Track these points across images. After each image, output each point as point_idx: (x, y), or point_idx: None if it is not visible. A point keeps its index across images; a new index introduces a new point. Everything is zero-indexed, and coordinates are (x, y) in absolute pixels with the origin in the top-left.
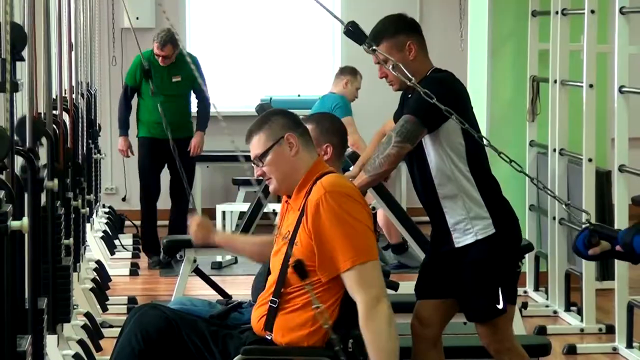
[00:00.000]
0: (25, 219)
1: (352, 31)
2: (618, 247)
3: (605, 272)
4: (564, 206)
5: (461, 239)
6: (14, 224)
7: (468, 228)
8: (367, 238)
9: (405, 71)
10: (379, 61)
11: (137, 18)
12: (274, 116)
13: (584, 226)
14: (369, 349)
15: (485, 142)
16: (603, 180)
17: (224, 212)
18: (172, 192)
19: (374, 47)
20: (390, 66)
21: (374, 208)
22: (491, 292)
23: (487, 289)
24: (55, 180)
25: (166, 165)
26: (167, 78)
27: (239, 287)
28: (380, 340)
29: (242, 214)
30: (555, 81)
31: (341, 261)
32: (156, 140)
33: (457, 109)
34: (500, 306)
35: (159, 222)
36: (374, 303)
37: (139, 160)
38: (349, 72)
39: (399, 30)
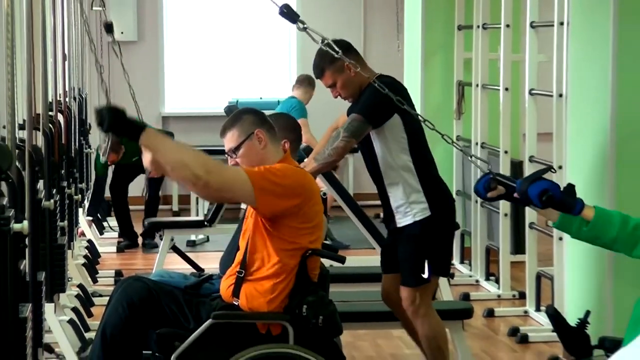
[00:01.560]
0: (26, 222)
1: (286, 12)
2: (516, 195)
3: (518, 247)
4: (469, 158)
5: (402, 220)
6: (16, 226)
7: (407, 211)
8: (276, 185)
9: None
10: (329, 85)
11: (122, 32)
12: (245, 114)
13: (485, 172)
14: None
15: (430, 126)
16: (516, 169)
17: (197, 198)
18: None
19: (305, 26)
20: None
21: (324, 194)
22: (418, 263)
23: (415, 260)
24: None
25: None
26: None
27: (210, 262)
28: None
29: None
30: (477, 85)
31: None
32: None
33: (404, 109)
34: (425, 276)
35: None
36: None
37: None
38: (307, 82)
39: (335, 58)
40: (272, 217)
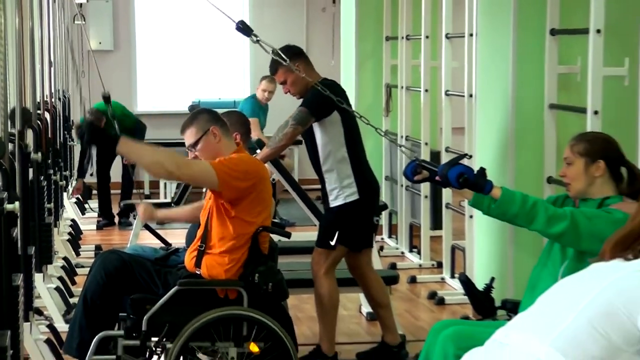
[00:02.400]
0: (17, 203)
1: (242, 28)
2: (437, 178)
3: (436, 224)
4: (399, 148)
5: (334, 201)
6: (9, 206)
7: (339, 194)
8: (236, 173)
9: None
10: (280, 82)
11: (100, 43)
12: (201, 114)
13: (412, 159)
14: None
15: (365, 121)
16: (435, 158)
17: (165, 184)
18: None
19: (258, 39)
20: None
21: (274, 179)
22: (331, 231)
23: (329, 229)
24: (39, 154)
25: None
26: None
27: (176, 238)
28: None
29: (178, 184)
30: (402, 87)
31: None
32: None
33: (343, 107)
34: (332, 243)
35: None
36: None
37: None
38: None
39: (283, 64)
40: (232, 199)
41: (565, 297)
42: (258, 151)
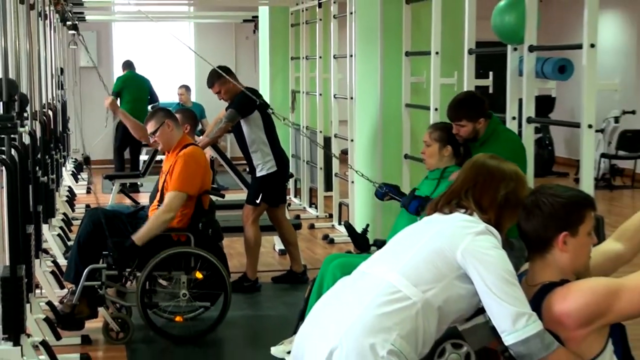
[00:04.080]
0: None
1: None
2: (401, 205)
3: (328, 187)
4: (302, 134)
5: (259, 172)
6: (21, 129)
7: (263, 167)
8: (193, 178)
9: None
10: (216, 92)
11: (87, 61)
12: (159, 111)
13: (378, 186)
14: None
15: (280, 118)
16: (328, 142)
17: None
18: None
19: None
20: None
21: (212, 157)
22: (257, 193)
23: (256, 191)
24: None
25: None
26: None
27: (143, 199)
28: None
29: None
30: (303, 92)
31: (174, 185)
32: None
33: (261, 105)
34: (257, 202)
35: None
36: (164, 209)
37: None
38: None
39: (220, 75)
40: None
41: (407, 240)
42: (200, 137)
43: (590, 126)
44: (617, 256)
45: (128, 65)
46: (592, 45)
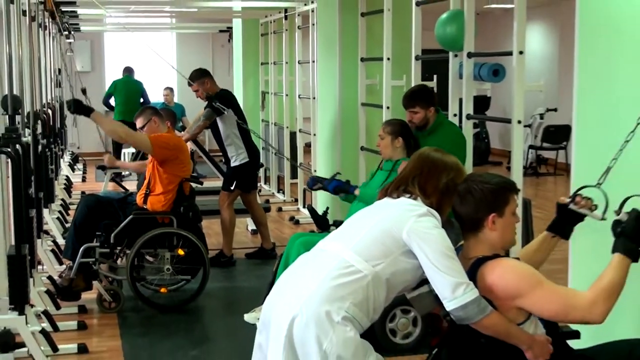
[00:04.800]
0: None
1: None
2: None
3: (294, 175)
4: (272, 128)
5: (233, 163)
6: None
7: (237, 158)
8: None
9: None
10: (195, 90)
11: (82, 66)
12: (147, 109)
13: (311, 176)
14: None
15: (244, 125)
16: (293, 137)
17: (124, 153)
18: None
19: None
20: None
21: (192, 149)
22: (231, 180)
23: (230, 178)
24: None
25: None
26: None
27: (131, 186)
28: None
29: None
30: (272, 93)
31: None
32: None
33: (235, 106)
34: (232, 188)
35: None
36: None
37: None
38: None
39: (199, 76)
40: (160, 161)
41: (360, 221)
42: (182, 132)
43: (519, 122)
44: None
45: (127, 70)
46: (521, 52)
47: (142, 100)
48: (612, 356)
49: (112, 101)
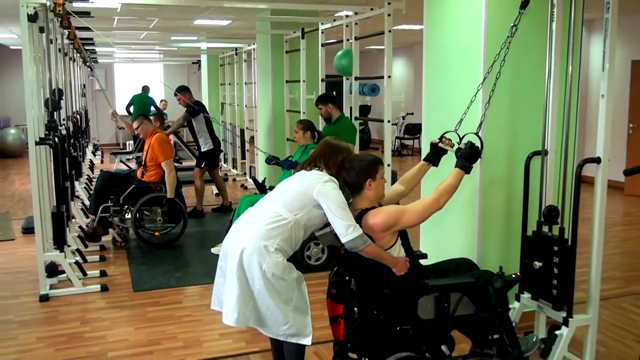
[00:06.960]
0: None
1: (178, 90)
2: (281, 165)
3: (243, 156)
4: (227, 128)
5: (202, 149)
6: (60, 127)
7: (205, 146)
8: (168, 148)
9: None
10: (178, 99)
11: (100, 86)
12: (140, 117)
13: (267, 156)
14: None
15: (212, 118)
16: (242, 132)
17: (127, 143)
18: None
19: (177, 94)
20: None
21: (175, 141)
22: (200, 161)
23: (201, 159)
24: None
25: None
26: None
27: (133, 165)
28: (169, 182)
29: (135, 143)
30: (228, 104)
31: (160, 158)
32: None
33: (204, 111)
34: (202, 166)
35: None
36: (168, 172)
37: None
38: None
39: (182, 90)
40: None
41: (286, 186)
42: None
43: (389, 121)
44: (400, 193)
45: (144, 88)
46: (389, 77)
47: (152, 108)
48: (446, 269)
49: (131, 109)
